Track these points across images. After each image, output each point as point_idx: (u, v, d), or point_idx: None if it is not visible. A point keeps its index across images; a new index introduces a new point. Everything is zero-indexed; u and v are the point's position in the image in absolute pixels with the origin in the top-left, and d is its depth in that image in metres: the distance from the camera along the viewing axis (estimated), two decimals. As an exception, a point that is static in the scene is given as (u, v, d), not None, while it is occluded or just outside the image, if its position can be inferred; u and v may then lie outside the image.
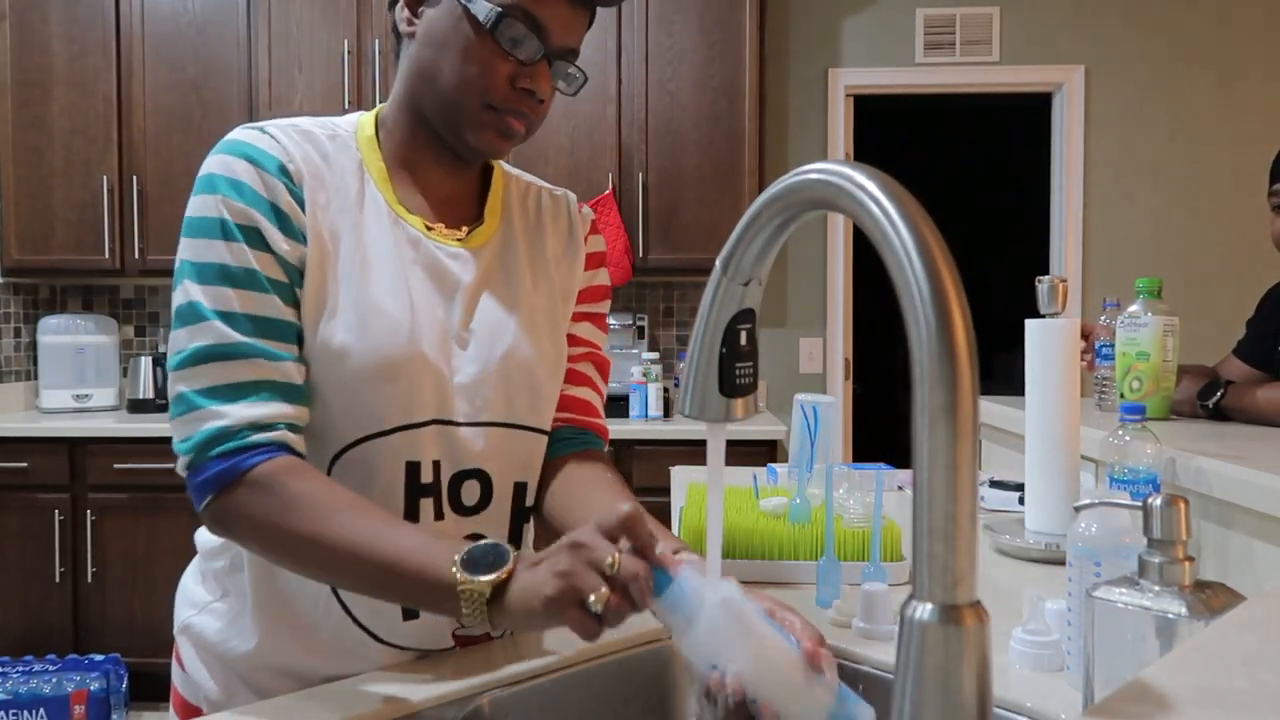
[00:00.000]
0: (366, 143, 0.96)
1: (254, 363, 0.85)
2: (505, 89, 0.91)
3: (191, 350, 0.85)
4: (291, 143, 0.91)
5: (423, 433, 0.92)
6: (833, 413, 1.48)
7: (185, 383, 0.85)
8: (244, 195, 0.87)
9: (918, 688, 0.49)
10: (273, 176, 0.88)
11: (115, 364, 3.75)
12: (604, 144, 3.48)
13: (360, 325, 0.89)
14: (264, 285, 0.87)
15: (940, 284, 0.49)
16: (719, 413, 0.65)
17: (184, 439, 0.85)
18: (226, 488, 0.83)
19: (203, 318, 0.85)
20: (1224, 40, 3.79)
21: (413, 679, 0.90)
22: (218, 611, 0.98)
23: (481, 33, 0.89)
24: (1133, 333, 1.67)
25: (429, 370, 0.92)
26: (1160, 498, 0.69)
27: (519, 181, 1.09)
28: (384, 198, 0.95)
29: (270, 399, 0.85)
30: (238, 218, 0.87)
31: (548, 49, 0.91)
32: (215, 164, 0.89)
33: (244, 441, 0.83)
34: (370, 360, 0.89)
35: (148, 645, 3.28)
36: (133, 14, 3.48)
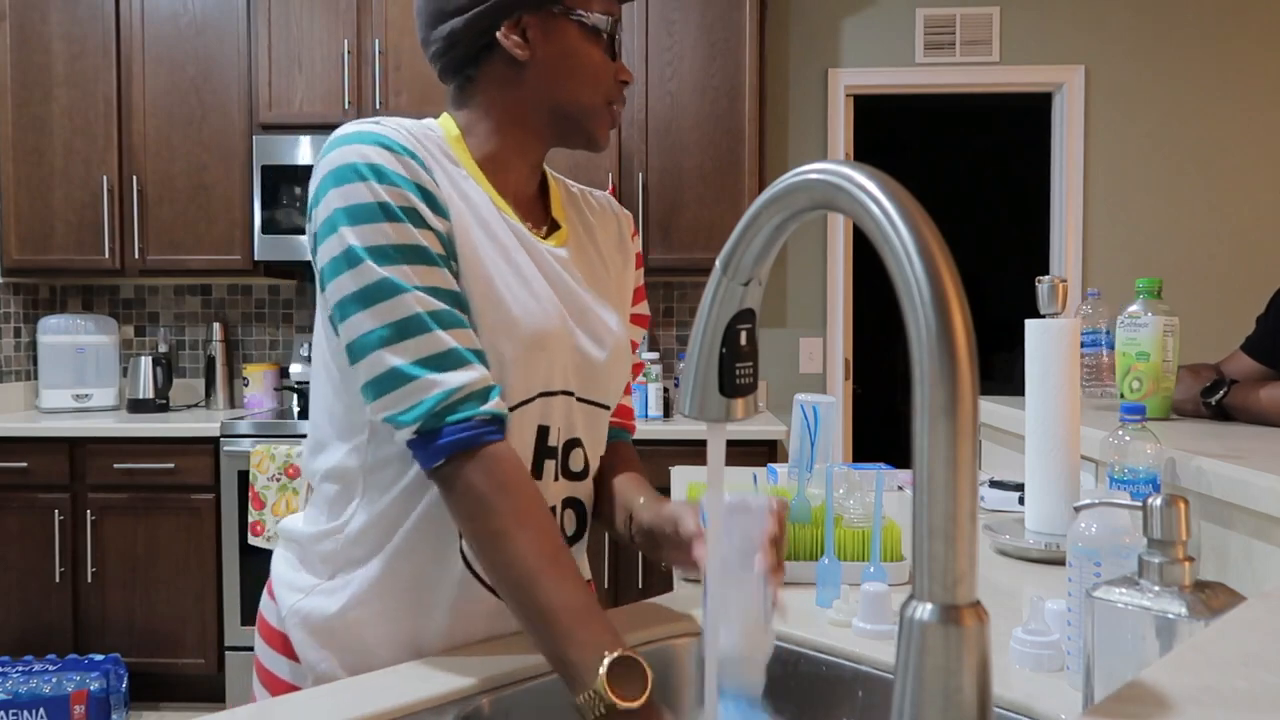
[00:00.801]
0: (456, 143, 1.02)
1: (452, 331, 0.89)
2: (615, 86, 1.03)
3: (397, 322, 0.88)
4: (405, 135, 0.95)
5: (554, 401, 1.00)
6: (833, 413, 1.48)
7: (395, 356, 0.88)
8: (390, 179, 0.90)
9: (918, 688, 0.49)
10: (409, 159, 0.92)
11: (115, 364, 3.75)
12: (604, 144, 3.48)
13: (516, 300, 0.96)
14: (435, 259, 0.91)
15: (940, 284, 0.49)
16: (719, 413, 0.65)
17: (407, 409, 0.88)
18: (463, 454, 0.88)
19: (402, 289, 0.88)
20: (1225, 40, 3.79)
21: (413, 678, 0.90)
22: (329, 590, 0.99)
23: (600, 42, 1.01)
24: (1133, 333, 1.67)
25: (566, 344, 1.00)
26: (1160, 498, 0.69)
27: (566, 186, 1.16)
28: (488, 195, 1.01)
29: (474, 363, 0.89)
30: (394, 199, 0.90)
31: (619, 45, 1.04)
32: (349, 154, 0.91)
33: (475, 411, 0.88)
34: (529, 330, 0.96)
35: (148, 645, 3.28)
36: (133, 14, 3.48)
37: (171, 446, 3.25)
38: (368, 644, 0.98)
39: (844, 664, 0.97)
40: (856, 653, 0.97)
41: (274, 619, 1.04)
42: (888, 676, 0.94)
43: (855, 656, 0.97)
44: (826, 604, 1.09)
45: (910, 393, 0.50)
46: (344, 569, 0.99)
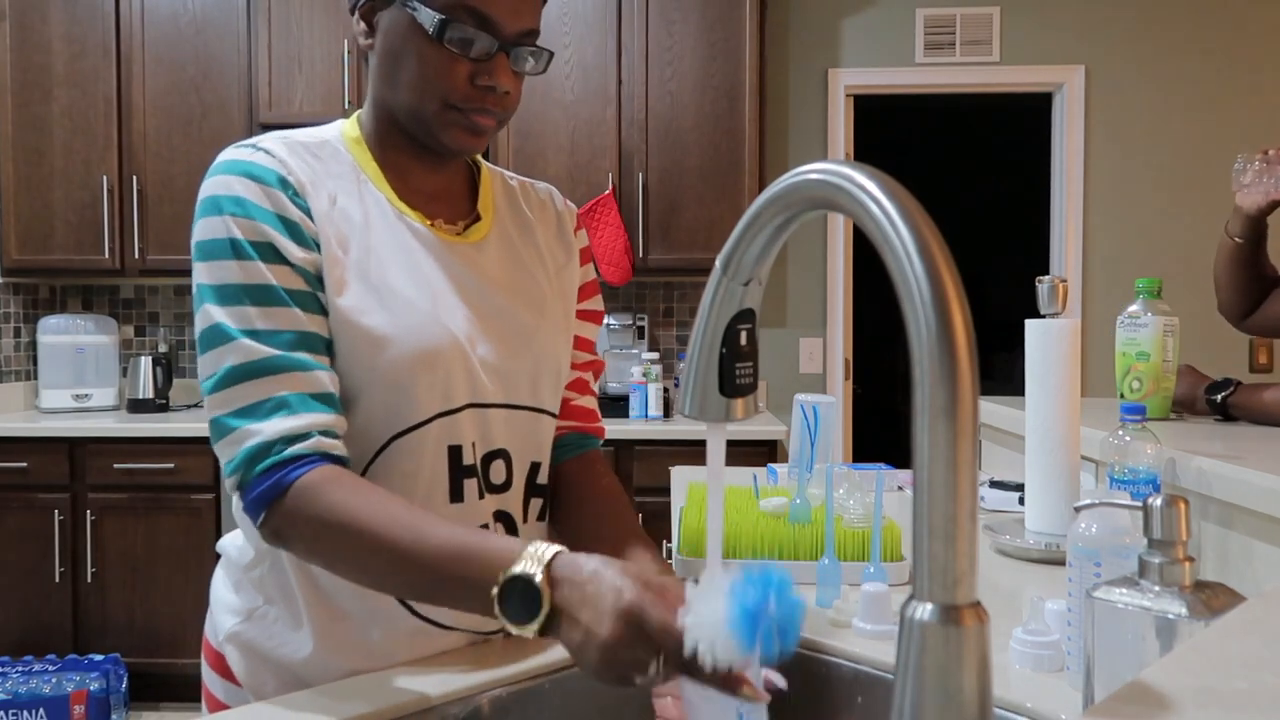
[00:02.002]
0: (355, 145, 0.98)
1: (282, 377, 0.85)
2: (465, 89, 0.91)
3: (221, 373, 0.86)
4: (287, 154, 0.92)
5: (460, 417, 0.95)
6: (833, 413, 1.48)
7: (218, 407, 0.86)
8: (250, 211, 0.88)
9: (918, 688, 0.49)
10: (275, 189, 0.89)
11: (115, 364, 3.75)
12: (604, 144, 3.48)
13: (393, 317, 0.91)
14: (283, 299, 0.87)
15: (940, 284, 0.49)
16: (719, 413, 0.65)
17: (228, 462, 0.86)
18: (274, 503, 0.84)
19: (229, 338, 0.86)
20: (1225, 40, 3.79)
21: (413, 679, 0.90)
22: (265, 617, 0.97)
23: (430, 39, 0.90)
24: (1133, 333, 1.67)
25: (461, 356, 0.94)
26: (1160, 498, 0.69)
27: (503, 178, 1.11)
28: (385, 196, 0.97)
29: (302, 410, 0.85)
30: (247, 234, 0.87)
31: (501, 41, 0.91)
32: (215, 185, 0.89)
33: (282, 456, 0.84)
34: (409, 349, 0.91)
35: (147, 645, 3.28)
36: (133, 14, 3.48)
37: (171, 446, 3.25)
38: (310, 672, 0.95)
39: (844, 664, 0.97)
40: (856, 653, 0.97)
41: (212, 637, 1.03)
42: (888, 676, 0.94)
43: (855, 656, 0.97)
44: (826, 604, 1.09)
45: (910, 393, 0.50)
46: (278, 598, 0.97)
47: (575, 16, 3.46)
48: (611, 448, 3.20)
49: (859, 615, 1.02)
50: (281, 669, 0.96)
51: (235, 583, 1.01)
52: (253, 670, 0.98)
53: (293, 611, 0.96)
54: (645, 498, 3.23)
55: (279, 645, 0.96)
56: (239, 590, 1.00)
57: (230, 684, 1.00)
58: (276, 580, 0.97)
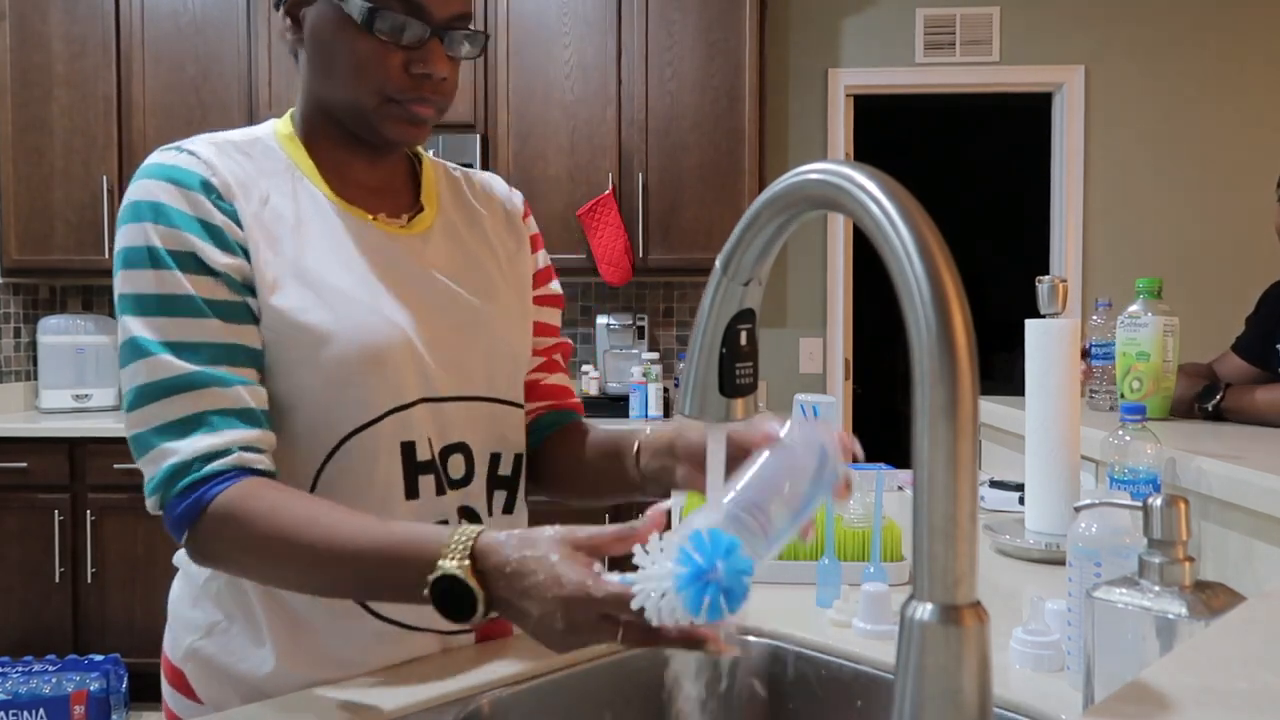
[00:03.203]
0: (289, 142, 0.96)
1: (201, 393, 0.83)
2: (401, 78, 0.90)
3: (137, 389, 0.83)
4: (214, 156, 0.89)
5: (412, 412, 0.92)
6: (833, 413, 1.48)
7: (138, 424, 0.83)
8: (170, 218, 0.85)
9: (918, 688, 0.49)
10: (197, 194, 0.86)
11: (115, 364, 3.75)
12: (604, 144, 3.48)
13: (333, 314, 0.89)
14: (202, 310, 0.84)
15: (940, 284, 0.49)
16: (719, 413, 0.65)
17: (147, 481, 0.84)
18: (195, 523, 0.82)
19: (145, 352, 0.83)
20: (1224, 40, 3.79)
21: (413, 679, 0.90)
22: (227, 632, 0.94)
23: (359, 30, 0.88)
24: (1133, 333, 1.67)
25: (409, 349, 0.92)
26: (1160, 498, 0.69)
27: (446, 169, 1.09)
28: (321, 192, 0.94)
29: (222, 427, 0.83)
30: (167, 242, 0.84)
31: (433, 27, 0.90)
32: (136, 190, 0.87)
33: (200, 474, 0.82)
34: (354, 347, 0.89)
35: (148, 645, 3.27)
36: (133, 14, 3.48)
37: (171, 446, 3.25)
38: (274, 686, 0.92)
39: (844, 664, 0.97)
40: (856, 653, 0.97)
41: (172, 654, 0.99)
42: (888, 676, 0.94)
43: (855, 656, 0.97)
44: (826, 604, 1.09)
45: (910, 393, 0.50)
46: (237, 613, 0.94)
47: (575, 16, 3.46)
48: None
49: (859, 615, 1.02)
50: (243, 685, 0.93)
51: (193, 598, 0.97)
52: (214, 687, 0.95)
53: (253, 625, 0.93)
54: (645, 497, 3.23)
55: (239, 660, 0.93)
56: (197, 605, 0.97)
57: (191, 701, 0.97)
58: (234, 594, 0.94)
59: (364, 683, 0.90)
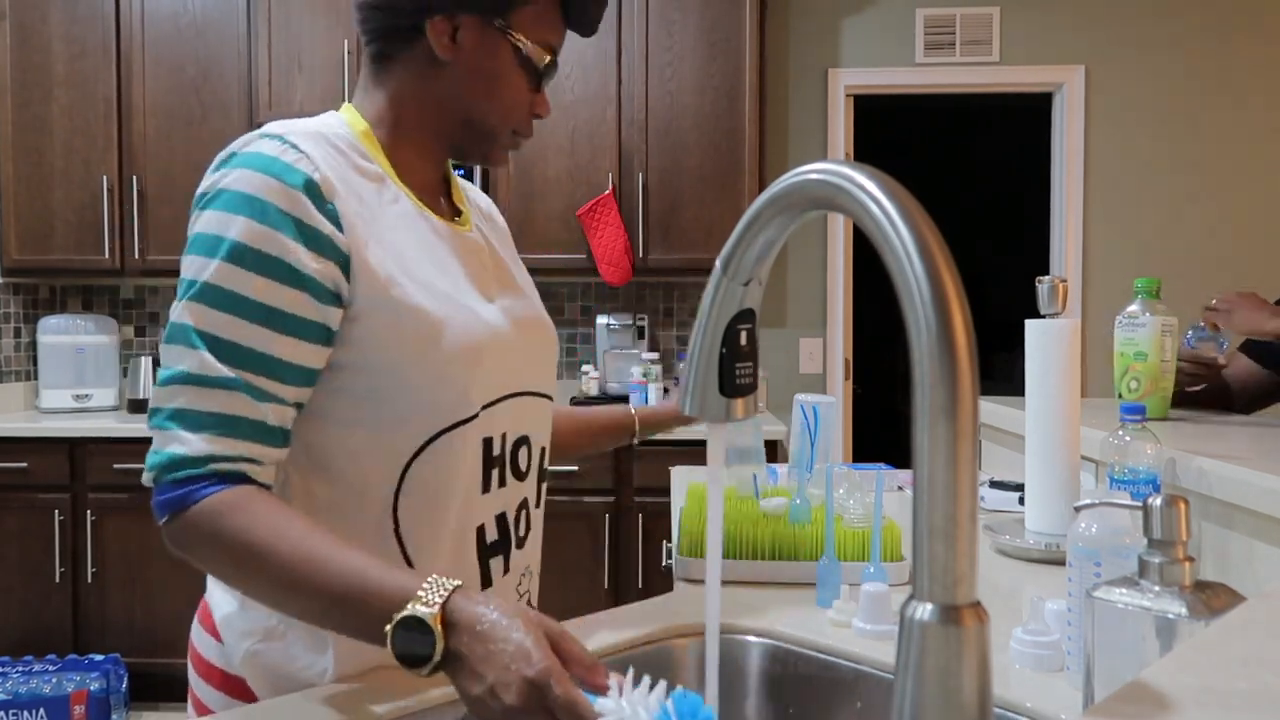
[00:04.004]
0: (367, 139, 0.97)
1: (232, 395, 0.82)
2: (528, 118, 1.00)
3: (174, 372, 0.83)
4: (316, 151, 0.88)
5: (499, 408, 0.96)
6: (833, 413, 1.48)
7: (163, 400, 0.84)
8: (266, 217, 0.83)
9: (918, 688, 0.49)
10: (299, 192, 0.84)
11: (115, 364, 3.75)
12: (604, 144, 3.48)
13: (443, 310, 0.90)
14: (267, 319, 0.83)
15: (940, 284, 0.49)
16: (719, 413, 0.65)
17: (151, 454, 0.84)
18: (177, 514, 0.83)
19: (191, 344, 0.82)
20: (1224, 40, 3.79)
21: (412, 678, 0.89)
22: (285, 637, 0.93)
23: (530, 73, 0.97)
24: (1131, 333, 1.67)
25: (501, 347, 0.96)
26: (1160, 498, 0.69)
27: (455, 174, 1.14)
28: (404, 192, 0.96)
29: (237, 436, 0.83)
30: (256, 242, 0.82)
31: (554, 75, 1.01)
32: (235, 179, 0.84)
33: (199, 471, 0.82)
34: (459, 343, 0.91)
35: (147, 645, 3.28)
36: (133, 14, 3.48)
37: (171, 446, 3.25)
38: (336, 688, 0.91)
39: (844, 664, 0.97)
40: (856, 653, 0.97)
41: (215, 656, 0.97)
42: (888, 676, 0.94)
43: (855, 656, 0.97)
44: (826, 604, 1.09)
45: (910, 393, 0.50)
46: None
47: (575, 16, 3.46)
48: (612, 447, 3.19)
49: (859, 615, 1.02)
50: (306, 685, 0.91)
51: (241, 602, 0.95)
52: (277, 692, 0.93)
53: (312, 631, 0.91)
54: (645, 498, 3.23)
55: (303, 668, 0.92)
56: (246, 607, 0.94)
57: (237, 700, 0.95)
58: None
59: (363, 682, 0.90)
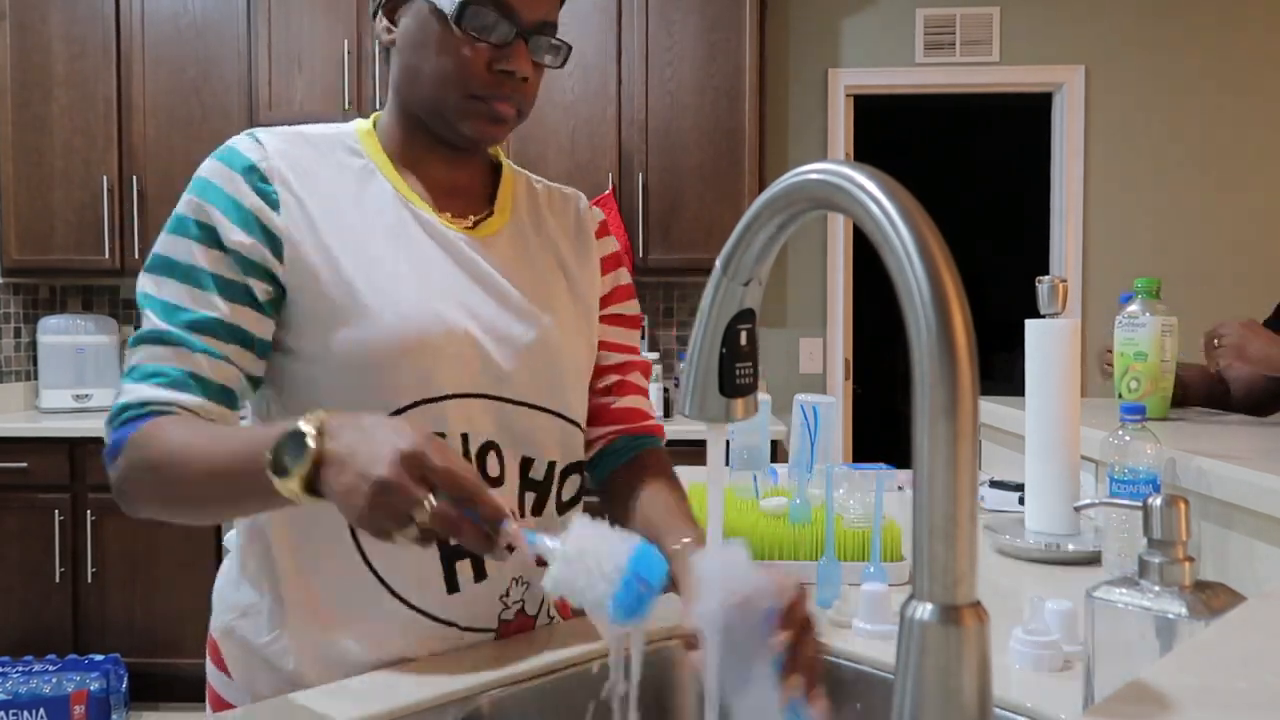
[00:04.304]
0: (366, 137, 1.00)
1: (169, 349, 0.88)
2: (484, 75, 0.93)
3: (135, 335, 0.90)
4: (277, 144, 0.94)
5: (444, 405, 0.93)
6: (833, 413, 1.48)
7: (124, 365, 0.90)
8: (206, 193, 0.91)
9: (918, 688, 0.49)
10: (238, 174, 0.91)
11: (115, 364, 3.75)
12: (604, 144, 3.48)
13: (378, 299, 0.91)
14: (199, 280, 0.89)
15: (940, 285, 0.49)
16: (719, 413, 0.65)
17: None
18: (114, 460, 0.86)
19: (140, 305, 0.90)
20: (1225, 40, 3.79)
21: (412, 679, 0.90)
22: (259, 614, 0.98)
23: (449, 26, 0.91)
24: (1131, 333, 1.67)
25: (451, 343, 0.93)
26: (1160, 498, 0.69)
27: (528, 181, 1.11)
28: (391, 185, 0.97)
29: (174, 385, 0.87)
30: (194, 213, 0.91)
31: (520, 27, 0.93)
32: (203, 168, 0.94)
33: (138, 413, 0.86)
34: (389, 333, 0.90)
35: (148, 645, 3.28)
36: (133, 15, 3.48)
37: (171, 446, 3.25)
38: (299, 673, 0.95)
39: (844, 664, 0.97)
40: (856, 653, 0.97)
41: (213, 631, 1.04)
42: (888, 676, 0.94)
43: (855, 656, 0.97)
44: (826, 604, 1.09)
45: (910, 393, 0.50)
46: (268, 590, 0.97)
47: (575, 16, 3.46)
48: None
49: (859, 615, 1.02)
50: (267, 665, 0.97)
51: (236, 579, 1.02)
52: (243, 665, 0.99)
53: (279, 607, 0.96)
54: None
55: (266, 643, 0.96)
56: (238, 587, 1.01)
57: (224, 676, 1.01)
58: (267, 576, 0.97)
59: (362, 682, 0.90)
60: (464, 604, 0.97)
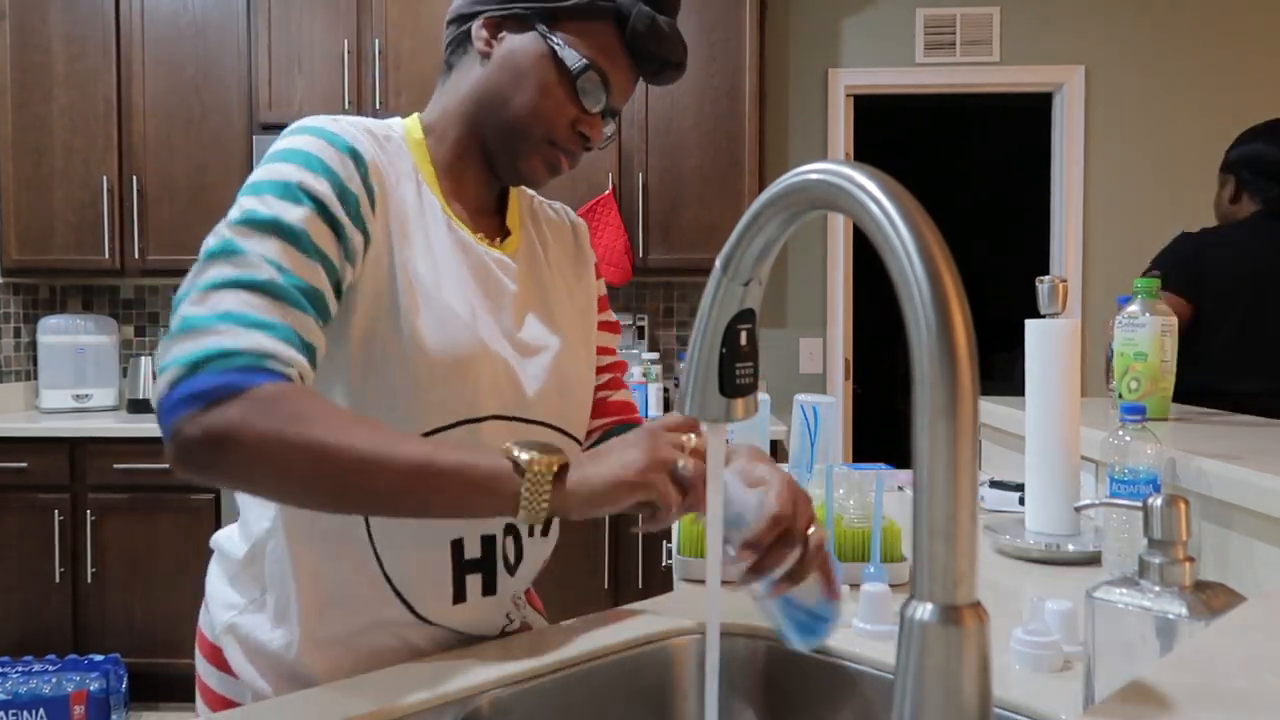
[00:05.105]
0: (416, 146, 1.00)
1: (287, 307, 0.80)
2: (567, 130, 0.98)
3: (216, 279, 0.79)
4: (361, 134, 0.93)
5: (483, 426, 0.95)
6: (832, 413, 1.48)
7: (197, 306, 0.77)
8: (318, 169, 0.87)
9: (918, 688, 0.49)
10: (348, 159, 0.89)
11: (115, 364, 3.75)
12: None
13: (436, 321, 0.92)
14: (313, 253, 0.83)
15: (940, 285, 0.49)
16: (719, 413, 0.65)
17: (176, 356, 0.76)
18: (216, 403, 0.74)
19: (240, 253, 0.80)
20: (1225, 40, 3.79)
21: (412, 678, 0.90)
22: (262, 610, 0.98)
23: (564, 77, 0.96)
24: (1130, 333, 1.67)
25: (491, 368, 0.96)
26: (1160, 498, 0.69)
27: (524, 195, 1.14)
28: (438, 202, 0.98)
29: (292, 345, 0.79)
30: (307, 183, 0.85)
31: (608, 104, 0.99)
32: (293, 141, 0.89)
33: (252, 362, 0.76)
34: (447, 357, 0.92)
35: (147, 645, 3.28)
36: (133, 14, 3.48)
37: (171, 446, 3.25)
38: (306, 669, 0.96)
39: (844, 664, 0.97)
40: (856, 653, 0.97)
41: (208, 631, 1.03)
42: (888, 676, 0.94)
43: (855, 656, 0.97)
44: (826, 604, 1.09)
45: (910, 393, 0.50)
46: (272, 588, 0.97)
47: (575, 16, 3.46)
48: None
49: (859, 615, 1.02)
50: (273, 661, 0.97)
51: (231, 577, 1.02)
52: (248, 662, 0.98)
53: (283, 604, 0.96)
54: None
55: (270, 639, 0.97)
56: (235, 584, 1.01)
57: (227, 675, 1.01)
58: (275, 571, 0.97)
59: (363, 681, 0.90)
60: (470, 615, 0.99)
